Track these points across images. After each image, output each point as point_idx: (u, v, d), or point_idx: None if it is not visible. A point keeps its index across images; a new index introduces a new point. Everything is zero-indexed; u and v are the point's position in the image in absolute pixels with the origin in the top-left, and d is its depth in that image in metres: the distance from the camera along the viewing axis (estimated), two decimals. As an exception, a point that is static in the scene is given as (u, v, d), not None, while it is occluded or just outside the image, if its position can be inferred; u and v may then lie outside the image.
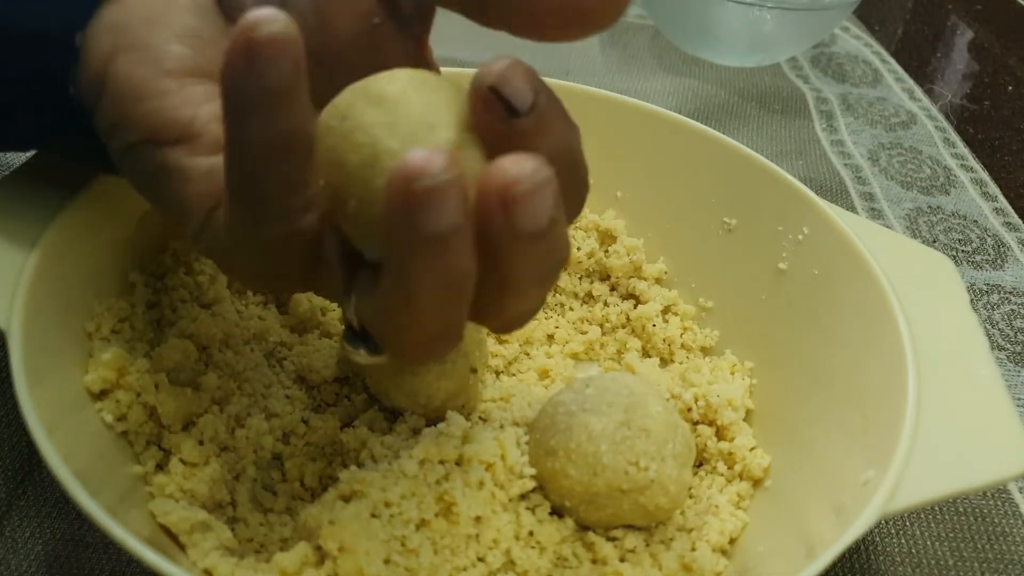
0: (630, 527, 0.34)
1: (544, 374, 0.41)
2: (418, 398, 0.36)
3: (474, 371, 0.37)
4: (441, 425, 0.33)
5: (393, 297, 0.22)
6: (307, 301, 0.40)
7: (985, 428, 0.30)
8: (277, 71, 0.20)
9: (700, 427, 0.38)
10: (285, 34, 0.19)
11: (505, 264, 0.22)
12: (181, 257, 0.38)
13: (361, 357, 0.26)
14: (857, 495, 0.29)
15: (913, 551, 0.37)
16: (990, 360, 0.33)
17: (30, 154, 0.34)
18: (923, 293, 0.35)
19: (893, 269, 0.35)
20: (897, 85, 0.77)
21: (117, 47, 0.25)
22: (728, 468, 0.37)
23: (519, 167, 0.20)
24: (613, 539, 0.33)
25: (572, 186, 0.24)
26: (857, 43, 0.84)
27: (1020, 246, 0.58)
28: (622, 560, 0.33)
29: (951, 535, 0.38)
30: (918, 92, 0.76)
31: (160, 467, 0.32)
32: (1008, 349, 0.49)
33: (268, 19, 0.19)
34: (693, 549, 0.33)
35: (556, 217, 0.21)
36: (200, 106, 0.25)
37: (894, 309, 0.34)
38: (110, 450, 0.31)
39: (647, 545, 0.33)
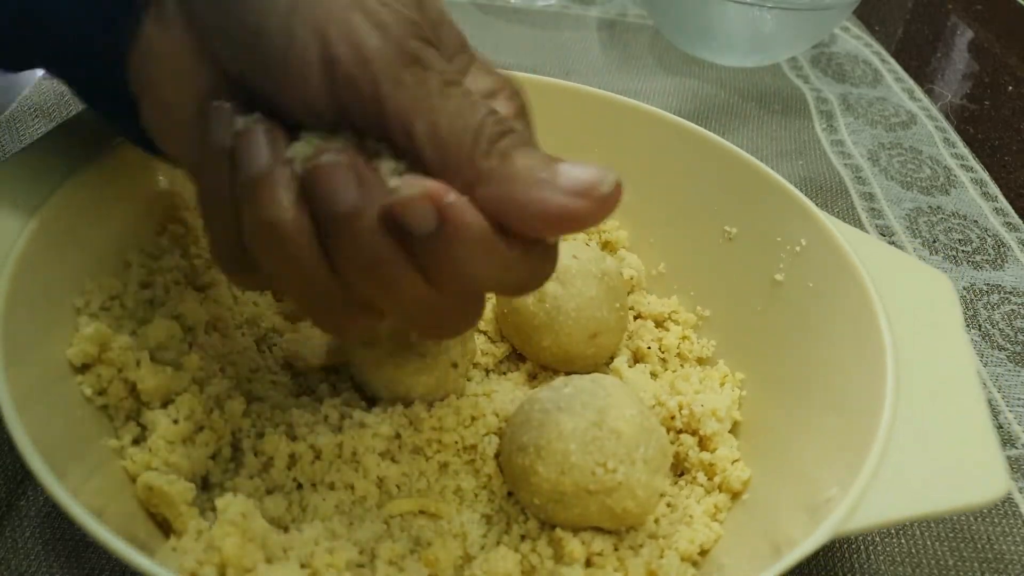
0: (600, 530, 0.33)
1: (532, 375, 0.41)
2: (397, 389, 0.36)
3: (455, 366, 0.37)
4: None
5: None
6: None
7: (961, 453, 0.30)
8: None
9: (683, 436, 0.37)
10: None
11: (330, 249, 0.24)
12: (179, 240, 0.38)
13: None
14: (819, 512, 0.28)
15: (913, 551, 0.37)
16: (976, 384, 0.32)
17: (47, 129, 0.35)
18: (918, 312, 0.34)
19: (890, 286, 0.35)
20: (897, 85, 0.77)
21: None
22: (708, 479, 0.36)
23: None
24: (582, 541, 0.33)
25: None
26: (857, 43, 0.84)
27: (1020, 246, 0.58)
28: (588, 562, 0.32)
29: (951, 535, 0.38)
30: (918, 92, 0.76)
31: (136, 442, 0.32)
32: (1008, 349, 0.49)
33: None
34: (661, 556, 0.32)
35: (358, 206, 0.23)
36: None
37: (881, 326, 0.33)
38: (86, 423, 0.31)
39: (615, 549, 0.33)
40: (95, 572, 0.33)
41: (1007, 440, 0.44)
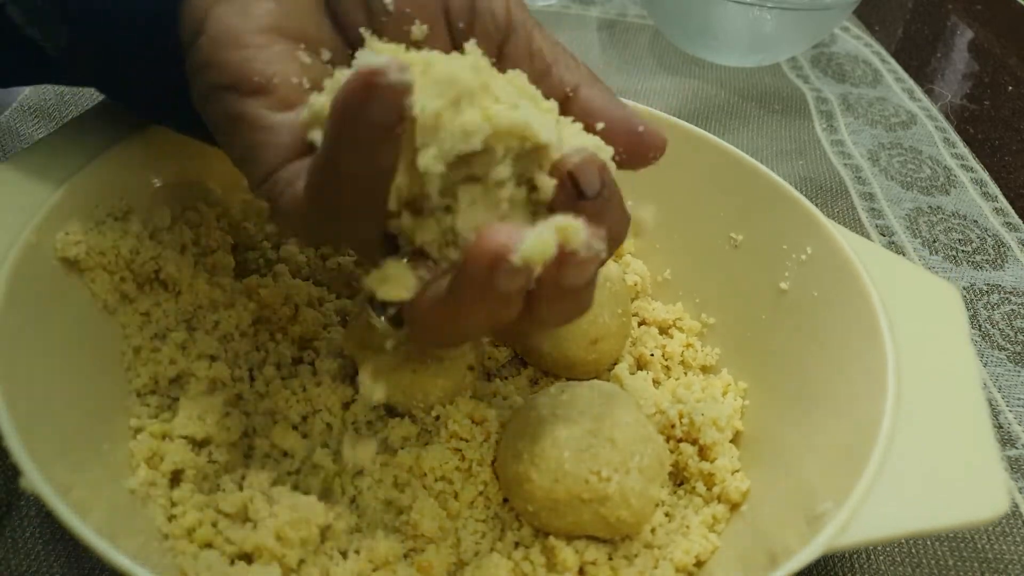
0: (594, 538, 0.33)
1: (534, 380, 0.41)
2: (415, 394, 0.36)
3: (471, 369, 0.37)
4: None
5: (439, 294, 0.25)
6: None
7: (962, 470, 0.29)
8: (389, 113, 0.22)
9: (683, 445, 0.37)
10: (405, 84, 0.22)
11: (540, 305, 0.25)
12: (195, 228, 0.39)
13: (379, 324, 0.27)
14: (812, 527, 0.28)
15: (913, 551, 0.37)
16: (980, 398, 0.32)
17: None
18: (923, 323, 0.34)
19: (897, 297, 0.34)
20: (897, 85, 0.77)
21: None
22: (707, 489, 0.36)
23: (580, 235, 0.23)
24: (576, 549, 0.33)
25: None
26: (857, 43, 0.84)
27: (1020, 246, 0.58)
28: (581, 570, 0.32)
29: (951, 535, 0.38)
30: (918, 92, 0.76)
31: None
32: (1008, 349, 0.49)
33: (394, 68, 0.21)
34: (656, 567, 0.32)
35: (591, 281, 0.25)
36: (279, 64, 0.27)
37: (884, 338, 0.33)
38: (78, 420, 0.31)
39: (609, 559, 0.33)
40: (95, 572, 0.32)
41: (1007, 440, 0.44)
